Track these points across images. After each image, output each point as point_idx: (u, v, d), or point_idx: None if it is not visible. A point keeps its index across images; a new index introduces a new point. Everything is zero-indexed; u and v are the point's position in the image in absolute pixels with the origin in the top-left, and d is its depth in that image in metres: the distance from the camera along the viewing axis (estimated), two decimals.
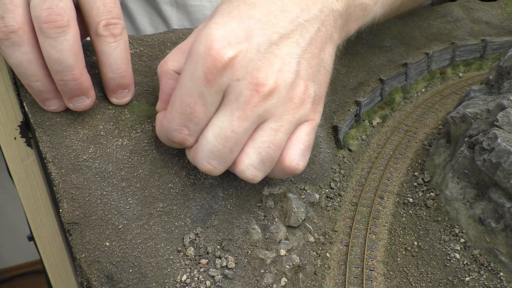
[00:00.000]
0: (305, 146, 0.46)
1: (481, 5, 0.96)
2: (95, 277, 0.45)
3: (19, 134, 0.55)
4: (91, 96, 0.48)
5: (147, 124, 0.52)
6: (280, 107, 0.43)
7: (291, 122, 0.44)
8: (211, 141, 0.43)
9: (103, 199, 0.47)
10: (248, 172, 0.45)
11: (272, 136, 0.44)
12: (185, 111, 0.43)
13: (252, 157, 0.44)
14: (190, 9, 0.89)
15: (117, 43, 0.46)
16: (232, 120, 0.42)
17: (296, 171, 0.46)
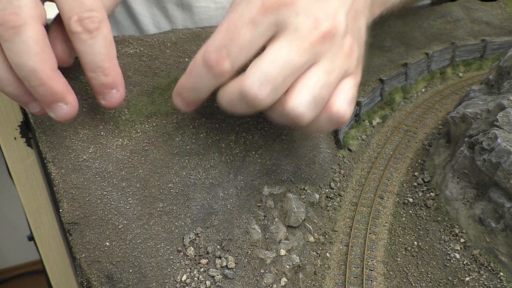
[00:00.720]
0: (351, 96, 0.46)
1: (481, 5, 0.96)
2: (95, 277, 0.45)
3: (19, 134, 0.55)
4: (70, 102, 0.43)
5: (147, 124, 0.52)
6: (333, 51, 0.43)
7: (341, 69, 0.44)
8: (265, 66, 0.41)
9: (103, 199, 0.47)
10: (299, 109, 0.43)
11: (325, 77, 0.43)
12: (230, 31, 0.41)
13: (305, 95, 0.43)
14: (195, 10, 0.89)
15: (93, 40, 0.41)
16: (290, 50, 0.41)
17: (342, 119, 0.45)
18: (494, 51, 0.91)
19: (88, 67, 0.43)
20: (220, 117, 0.55)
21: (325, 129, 0.48)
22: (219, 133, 0.54)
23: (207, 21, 0.89)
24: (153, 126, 0.52)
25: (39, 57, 0.39)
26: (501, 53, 0.91)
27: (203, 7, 0.88)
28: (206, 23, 0.89)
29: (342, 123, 0.46)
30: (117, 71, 0.44)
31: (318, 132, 0.49)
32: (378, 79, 0.77)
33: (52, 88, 0.41)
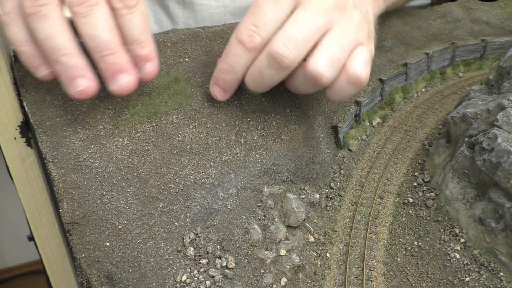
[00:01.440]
0: (366, 59, 0.52)
1: (481, 5, 0.96)
2: (95, 277, 0.45)
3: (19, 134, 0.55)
4: (132, 74, 0.47)
5: (147, 124, 0.52)
6: (344, 20, 0.50)
7: (352, 36, 0.50)
8: (287, 29, 0.48)
9: (103, 199, 0.47)
10: (321, 68, 0.48)
11: (339, 39, 0.49)
12: (256, 11, 0.48)
13: (323, 54, 0.48)
14: (197, 8, 0.89)
15: (132, 15, 0.46)
16: (306, 14, 0.48)
17: (360, 78, 0.51)
18: (494, 51, 0.91)
19: (127, 40, 0.46)
20: (220, 117, 0.55)
21: (346, 92, 0.53)
22: (219, 133, 0.54)
23: (208, 18, 0.90)
24: (153, 126, 0.52)
25: (110, 31, 0.45)
26: (501, 53, 0.91)
27: (204, 4, 0.89)
28: (207, 20, 0.89)
29: (360, 83, 0.51)
30: (152, 45, 0.48)
31: (341, 97, 0.54)
32: (378, 79, 0.77)
33: (120, 57, 0.46)
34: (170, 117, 0.53)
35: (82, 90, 0.45)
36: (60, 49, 0.44)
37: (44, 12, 0.43)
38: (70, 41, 0.44)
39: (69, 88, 0.45)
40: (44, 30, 0.43)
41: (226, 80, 0.52)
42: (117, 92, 0.47)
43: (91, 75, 0.45)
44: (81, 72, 0.45)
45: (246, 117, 0.57)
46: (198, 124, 0.54)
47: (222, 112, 0.56)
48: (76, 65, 0.45)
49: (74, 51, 0.45)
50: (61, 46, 0.44)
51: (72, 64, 0.45)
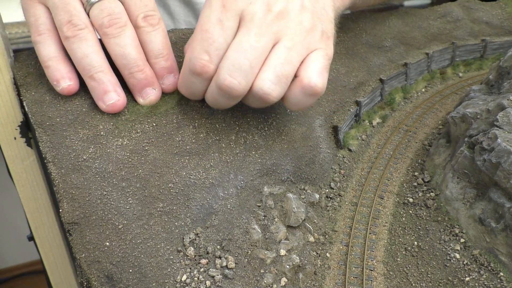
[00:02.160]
0: (321, 66, 0.49)
1: (481, 5, 0.96)
2: (95, 277, 0.45)
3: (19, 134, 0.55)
4: (158, 87, 0.53)
5: (147, 124, 0.52)
6: (291, 28, 0.48)
7: (302, 44, 0.48)
8: (231, 56, 0.46)
9: (103, 199, 0.47)
10: (265, 86, 0.47)
11: (285, 53, 0.47)
12: (204, 37, 0.47)
13: (268, 73, 0.47)
14: (196, 6, 0.90)
15: (155, 32, 0.51)
16: (249, 36, 0.46)
17: (315, 90, 0.49)
18: (494, 51, 0.91)
19: (152, 53, 0.52)
20: (220, 117, 0.55)
21: (304, 103, 0.51)
22: (219, 133, 0.54)
23: None
24: (153, 126, 0.52)
25: (138, 49, 0.50)
26: (501, 53, 0.91)
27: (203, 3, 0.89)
28: None
29: (317, 93, 0.49)
30: (173, 58, 0.54)
31: (300, 108, 0.53)
32: (378, 79, 0.77)
33: (147, 73, 0.51)
34: (170, 117, 0.53)
35: (114, 104, 0.50)
36: (96, 67, 0.49)
37: (82, 35, 0.49)
38: (104, 59, 0.50)
39: (101, 102, 0.50)
40: (81, 50, 0.49)
41: (190, 98, 0.54)
42: (145, 104, 0.53)
43: (121, 91, 0.51)
44: (113, 87, 0.50)
45: (246, 117, 0.57)
46: (198, 124, 0.54)
47: (222, 112, 0.56)
48: (109, 81, 0.50)
49: (107, 68, 0.50)
50: (96, 64, 0.49)
51: (106, 80, 0.50)
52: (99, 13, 0.49)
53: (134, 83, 0.51)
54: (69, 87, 0.51)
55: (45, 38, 0.51)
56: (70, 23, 0.49)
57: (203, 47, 0.47)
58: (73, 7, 0.49)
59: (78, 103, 0.52)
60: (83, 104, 0.52)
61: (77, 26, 0.49)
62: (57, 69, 0.50)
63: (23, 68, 0.54)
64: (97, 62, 0.49)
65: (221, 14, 0.46)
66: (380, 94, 0.77)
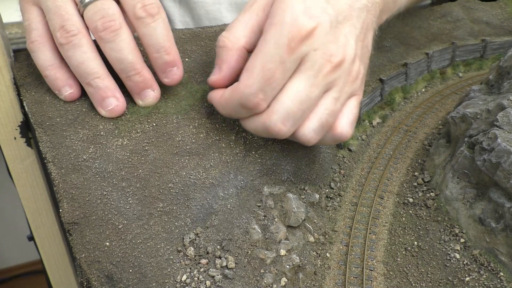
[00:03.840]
0: (354, 117, 0.52)
1: (481, 5, 0.96)
2: (95, 277, 0.45)
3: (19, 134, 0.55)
4: (156, 88, 0.52)
5: (147, 124, 0.52)
6: (342, 79, 0.48)
7: (347, 93, 0.50)
8: (287, 104, 0.46)
9: (103, 199, 0.47)
10: (309, 135, 0.49)
11: (333, 104, 0.48)
12: (266, 76, 0.45)
13: (314, 122, 0.48)
14: (193, 5, 0.89)
15: (156, 23, 0.49)
16: (307, 86, 0.46)
17: (345, 139, 0.52)
18: (494, 51, 0.91)
19: (153, 48, 0.49)
20: (220, 117, 0.55)
21: (327, 144, 0.54)
22: (219, 133, 0.54)
23: (205, 16, 0.90)
24: (153, 126, 0.52)
25: (134, 52, 0.49)
26: (501, 53, 0.91)
27: (200, 2, 0.89)
28: (204, 18, 0.89)
29: (343, 141, 0.52)
30: (176, 51, 0.51)
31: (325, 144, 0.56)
32: (378, 79, 0.77)
33: (145, 76, 0.50)
34: (170, 117, 0.53)
35: (113, 109, 0.50)
36: (92, 73, 0.48)
37: (76, 41, 0.48)
38: (101, 65, 0.49)
39: (101, 108, 0.50)
40: (76, 57, 0.48)
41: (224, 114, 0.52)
42: (144, 105, 0.52)
43: (120, 95, 0.50)
44: (112, 92, 0.50)
45: None
46: (198, 124, 0.54)
47: None
48: (107, 87, 0.49)
49: (104, 74, 0.49)
50: (93, 70, 0.48)
51: (104, 86, 0.49)
52: (93, 15, 0.48)
53: (132, 86, 0.51)
54: (70, 94, 0.51)
55: (38, 45, 0.50)
56: (62, 29, 0.47)
57: (262, 85, 0.45)
58: (65, 11, 0.48)
59: (78, 103, 0.52)
60: (83, 104, 0.52)
61: (70, 32, 0.47)
62: (56, 77, 0.50)
63: (23, 68, 0.54)
64: (93, 69, 0.48)
65: (285, 56, 0.44)
66: (380, 94, 0.77)
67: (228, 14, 0.89)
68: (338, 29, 0.47)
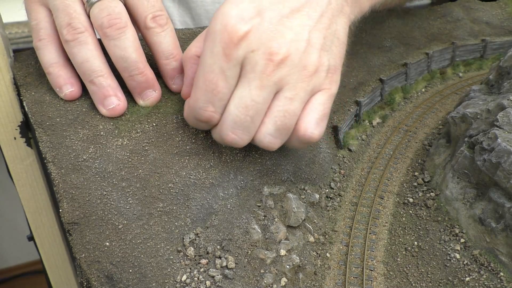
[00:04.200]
0: (320, 115, 0.47)
1: (481, 5, 0.96)
2: (95, 277, 0.45)
3: (19, 134, 0.56)
4: (158, 89, 0.52)
5: (147, 124, 0.52)
6: (293, 75, 0.45)
7: (305, 90, 0.46)
8: (233, 112, 0.45)
9: (103, 199, 0.47)
10: (265, 140, 0.47)
11: (287, 105, 0.45)
12: (209, 88, 0.45)
13: (269, 126, 0.46)
14: (192, 5, 0.89)
15: (165, 32, 0.51)
16: (250, 90, 0.44)
17: (311, 140, 0.48)
18: (494, 51, 0.91)
19: (163, 55, 0.52)
20: None
21: (299, 147, 0.52)
22: None
23: (204, 15, 0.89)
24: (153, 126, 0.52)
25: (138, 51, 0.49)
26: (501, 53, 0.91)
27: (199, 1, 0.89)
28: (203, 17, 0.89)
29: (312, 142, 0.48)
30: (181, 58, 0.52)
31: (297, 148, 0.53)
32: (378, 79, 0.77)
33: (148, 75, 0.51)
34: (170, 117, 0.53)
35: (114, 108, 0.50)
36: (96, 71, 0.49)
37: (82, 38, 0.48)
38: (104, 63, 0.49)
39: (102, 106, 0.50)
40: (81, 54, 0.48)
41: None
42: (145, 105, 0.53)
43: (122, 95, 0.50)
44: (114, 92, 0.50)
45: None
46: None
47: None
48: (110, 85, 0.50)
49: (108, 72, 0.50)
50: (97, 68, 0.49)
51: (106, 84, 0.49)
52: (99, 13, 0.48)
53: (134, 85, 0.51)
54: (71, 93, 0.51)
55: (46, 43, 0.50)
56: (69, 26, 0.48)
57: (208, 98, 0.45)
58: (73, 10, 0.49)
59: (78, 103, 0.52)
60: (83, 104, 0.52)
61: (77, 30, 0.48)
62: (59, 75, 0.50)
63: (23, 68, 0.54)
64: (98, 67, 0.49)
65: (223, 64, 0.44)
66: (380, 94, 0.77)
67: None
68: (283, 24, 0.44)
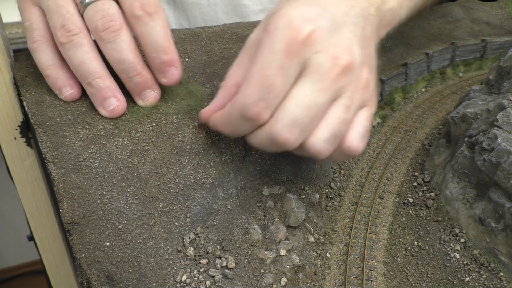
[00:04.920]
0: (365, 129, 0.47)
1: (481, 5, 0.96)
2: (95, 277, 0.45)
3: (19, 134, 0.56)
4: (156, 88, 0.52)
5: (147, 124, 0.52)
6: (352, 85, 0.45)
7: (358, 102, 0.46)
8: (292, 111, 0.43)
9: (103, 199, 0.47)
10: (320, 145, 0.45)
11: (344, 112, 0.45)
12: (264, 83, 0.42)
13: (325, 131, 0.44)
14: (187, 7, 0.89)
15: (154, 22, 0.48)
16: (313, 91, 0.43)
17: (355, 153, 0.47)
18: (494, 51, 0.91)
19: (151, 47, 0.49)
20: None
21: (337, 160, 0.50)
22: (219, 133, 0.54)
23: (200, 17, 0.89)
24: (153, 126, 0.52)
25: (135, 53, 0.48)
26: (501, 53, 0.91)
27: (195, 3, 0.89)
28: (199, 19, 0.89)
29: (354, 156, 0.48)
30: (174, 50, 0.50)
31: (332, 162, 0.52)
32: (378, 79, 0.77)
33: (145, 76, 0.50)
34: (170, 117, 0.53)
35: (114, 109, 0.50)
36: (93, 73, 0.48)
37: (77, 40, 0.47)
38: (101, 65, 0.48)
39: (102, 108, 0.50)
40: (77, 57, 0.47)
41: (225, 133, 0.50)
42: (144, 105, 0.52)
43: (121, 95, 0.50)
44: (112, 93, 0.49)
45: None
46: (198, 124, 0.54)
47: None
48: (108, 87, 0.49)
49: (105, 74, 0.49)
50: (94, 70, 0.48)
51: (105, 86, 0.49)
52: (93, 15, 0.47)
53: (132, 87, 0.51)
54: (71, 95, 0.51)
55: (40, 45, 0.50)
56: (63, 28, 0.47)
57: (262, 94, 0.42)
58: (66, 11, 0.48)
59: (78, 103, 0.52)
60: (83, 104, 0.52)
61: (71, 32, 0.47)
62: (57, 77, 0.50)
63: (23, 68, 0.54)
64: (94, 69, 0.48)
65: (284, 61, 0.41)
66: (380, 94, 0.77)
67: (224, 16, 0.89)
68: (339, 33, 0.44)
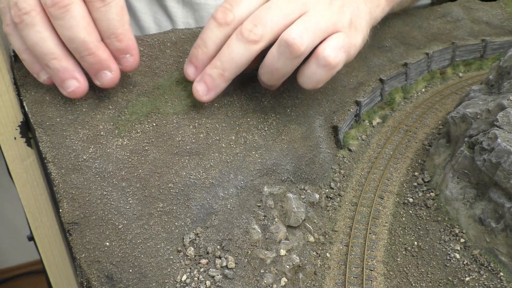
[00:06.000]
0: (340, 44, 0.51)
1: (481, 5, 0.96)
2: (95, 277, 0.45)
3: (19, 134, 0.55)
4: (114, 69, 0.48)
5: (147, 124, 0.52)
6: (321, 3, 0.50)
7: (329, 19, 0.50)
8: (263, 16, 0.50)
9: (103, 199, 0.47)
10: (292, 35, 0.48)
11: (314, 20, 0.49)
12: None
13: (297, 25, 0.49)
14: (196, 7, 0.89)
15: (106, 7, 0.45)
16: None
17: (329, 61, 0.50)
18: (494, 51, 0.91)
19: (104, 34, 0.47)
20: (220, 117, 0.55)
21: (317, 76, 0.51)
22: (219, 133, 0.54)
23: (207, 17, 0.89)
24: (153, 126, 0.52)
25: (86, 30, 0.45)
26: (501, 53, 0.91)
27: (202, 4, 0.89)
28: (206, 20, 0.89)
29: (330, 66, 0.50)
30: (130, 37, 0.48)
31: (313, 82, 0.53)
32: (378, 79, 0.77)
33: (100, 56, 0.46)
34: (170, 117, 0.53)
35: (73, 91, 0.48)
36: (48, 54, 0.46)
37: (28, 20, 0.44)
38: (57, 45, 0.46)
39: (62, 89, 0.48)
40: (30, 38, 0.45)
41: (197, 55, 0.51)
42: (102, 87, 0.49)
43: (80, 76, 0.48)
44: (70, 74, 0.47)
45: (246, 117, 0.57)
46: (198, 124, 0.54)
47: (222, 112, 0.56)
48: (65, 68, 0.47)
49: (61, 54, 0.46)
50: (48, 51, 0.45)
51: (61, 67, 0.46)
52: None
53: (87, 66, 0.48)
54: (49, 79, 0.49)
55: (12, 28, 0.47)
56: (16, 6, 0.44)
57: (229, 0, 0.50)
58: None
59: (78, 103, 0.52)
60: (83, 104, 0.52)
61: (22, 10, 0.44)
62: (32, 62, 0.48)
63: (23, 68, 0.54)
64: (48, 49, 0.45)
65: None
66: (380, 94, 0.77)
67: None
68: None
